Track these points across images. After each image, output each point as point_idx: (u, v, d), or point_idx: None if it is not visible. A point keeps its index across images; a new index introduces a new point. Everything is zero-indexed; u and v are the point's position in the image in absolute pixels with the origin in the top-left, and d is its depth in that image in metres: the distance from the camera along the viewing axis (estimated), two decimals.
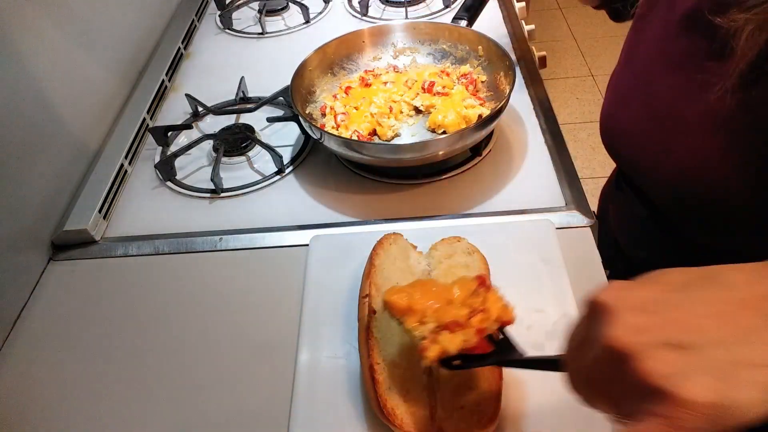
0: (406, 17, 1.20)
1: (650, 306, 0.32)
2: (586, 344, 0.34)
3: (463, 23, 0.95)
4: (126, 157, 0.91)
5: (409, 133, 0.89)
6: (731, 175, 0.54)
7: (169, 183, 0.89)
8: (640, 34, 0.65)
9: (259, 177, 0.88)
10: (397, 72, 0.98)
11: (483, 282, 0.49)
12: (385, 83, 0.94)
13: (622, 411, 0.31)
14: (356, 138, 0.84)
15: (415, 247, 0.67)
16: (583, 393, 0.36)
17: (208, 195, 0.86)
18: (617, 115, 0.67)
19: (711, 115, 0.53)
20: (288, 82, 0.89)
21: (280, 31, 1.23)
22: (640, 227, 0.72)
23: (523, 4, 1.22)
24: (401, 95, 0.92)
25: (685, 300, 0.32)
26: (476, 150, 0.85)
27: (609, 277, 0.65)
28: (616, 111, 0.67)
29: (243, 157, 0.91)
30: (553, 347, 0.59)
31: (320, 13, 1.27)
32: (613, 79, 0.69)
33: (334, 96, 0.94)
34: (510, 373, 0.55)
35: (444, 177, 0.83)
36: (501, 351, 0.48)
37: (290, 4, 1.29)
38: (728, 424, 0.25)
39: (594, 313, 0.34)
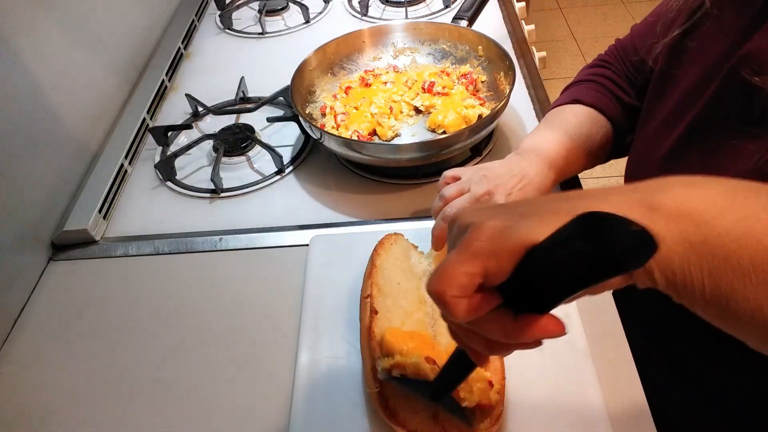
0: (406, 17, 1.20)
1: (479, 204, 0.42)
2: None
3: (463, 23, 0.95)
4: (126, 157, 0.91)
5: (409, 133, 0.89)
6: None
7: (169, 183, 0.89)
8: (663, 95, 0.60)
9: (259, 177, 0.88)
10: (397, 72, 0.98)
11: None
12: (385, 83, 0.94)
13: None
14: (356, 138, 0.84)
15: (416, 247, 0.67)
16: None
17: (208, 195, 0.86)
18: (640, 178, 0.64)
19: None
20: (288, 82, 0.89)
21: (280, 31, 1.23)
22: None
23: (523, 4, 1.22)
24: (401, 95, 0.92)
25: (510, 203, 0.40)
26: (476, 150, 0.85)
27: (613, 295, 0.65)
28: (639, 174, 0.63)
29: (243, 157, 0.91)
30: (551, 347, 0.58)
31: (320, 13, 1.27)
32: (636, 140, 0.65)
33: (334, 96, 0.94)
34: (513, 374, 0.55)
35: None
36: (438, 395, 0.48)
37: (290, 4, 1.29)
38: (508, 242, 0.32)
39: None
